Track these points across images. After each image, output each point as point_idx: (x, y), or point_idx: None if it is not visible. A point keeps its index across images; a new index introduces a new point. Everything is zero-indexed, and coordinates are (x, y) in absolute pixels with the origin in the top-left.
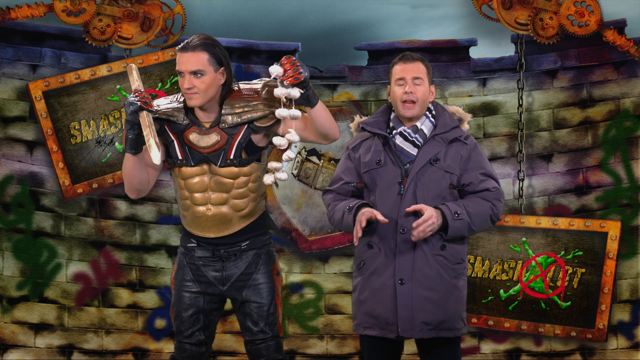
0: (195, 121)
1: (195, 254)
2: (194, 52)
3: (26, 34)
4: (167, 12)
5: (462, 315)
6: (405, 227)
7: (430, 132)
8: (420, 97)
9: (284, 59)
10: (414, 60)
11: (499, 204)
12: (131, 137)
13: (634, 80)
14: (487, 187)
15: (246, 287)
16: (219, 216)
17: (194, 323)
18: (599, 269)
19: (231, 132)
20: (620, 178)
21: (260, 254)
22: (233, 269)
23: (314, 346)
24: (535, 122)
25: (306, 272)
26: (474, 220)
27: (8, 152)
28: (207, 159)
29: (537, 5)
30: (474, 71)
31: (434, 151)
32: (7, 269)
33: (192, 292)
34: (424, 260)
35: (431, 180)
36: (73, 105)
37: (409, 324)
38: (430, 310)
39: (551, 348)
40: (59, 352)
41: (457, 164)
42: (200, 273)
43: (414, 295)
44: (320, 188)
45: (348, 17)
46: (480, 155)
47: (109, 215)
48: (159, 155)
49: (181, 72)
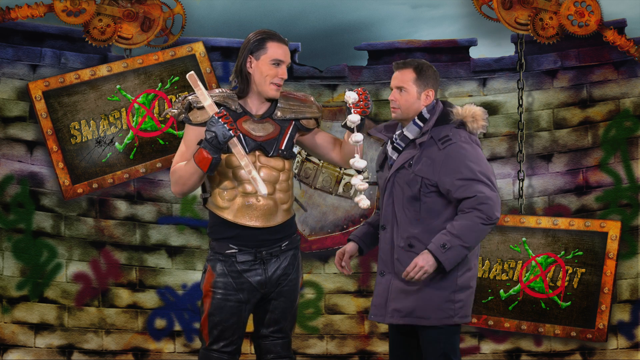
0: (247, 111)
1: (237, 260)
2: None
3: (26, 34)
4: (167, 12)
5: (441, 305)
6: (384, 224)
7: (415, 136)
8: (402, 104)
9: (360, 90)
10: (402, 68)
11: (486, 206)
12: (216, 161)
13: (634, 80)
14: (466, 195)
15: (281, 286)
16: (268, 206)
17: (235, 331)
18: (599, 269)
19: (283, 125)
20: (620, 178)
21: (296, 254)
22: (275, 270)
23: (314, 346)
24: (535, 122)
25: (306, 272)
26: (464, 239)
27: (8, 152)
28: (261, 146)
29: (537, 5)
30: (474, 71)
31: (408, 156)
32: (7, 269)
33: (236, 300)
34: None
35: (404, 184)
36: (73, 105)
37: (381, 310)
38: (402, 299)
39: (551, 348)
40: (59, 352)
41: (429, 168)
42: (242, 280)
43: (391, 286)
44: (320, 188)
45: (348, 17)
46: (455, 160)
47: (109, 215)
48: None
49: (280, 62)
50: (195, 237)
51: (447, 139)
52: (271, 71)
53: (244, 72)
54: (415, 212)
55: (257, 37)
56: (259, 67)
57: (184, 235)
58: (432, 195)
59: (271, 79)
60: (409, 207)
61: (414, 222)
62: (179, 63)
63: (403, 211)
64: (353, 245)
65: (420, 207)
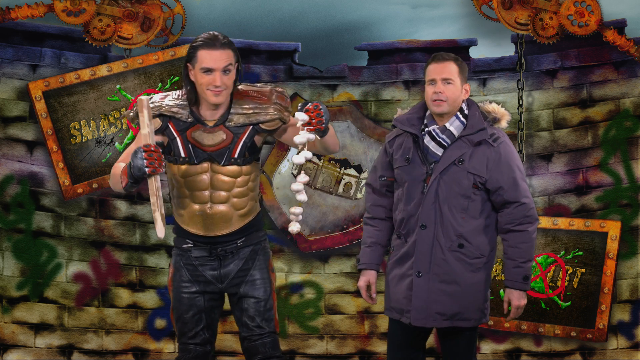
0: (199, 119)
1: (192, 254)
2: (224, 50)
3: (26, 34)
4: (167, 12)
5: (480, 305)
6: (425, 223)
7: (459, 132)
8: (449, 96)
9: (310, 106)
10: (445, 60)
11: (532, 210)
12: (129, 186)
13: (634, 80)
14: (515, 197)
15: (243, 283)
16: (220, 215)
17: (196, 323)
18: (599, 269)
19: (237, 132)
20: (620, 178)
21: (257, 250)
22: (230, 266)
23: (314, 346)
24: (535, 122)
25: (306, 272)
26: (531, 257)
27: (8, 152)
28: (210, 157)
29: (537, 5)
30: (474, 71)
31: (459, 152)
32: (7, 269)
33: (191, 292)
34: (441, 256)
35: (454, 181)
36: (73, 105)
37: (422, 313)
38: (445, 301)
39: (551, 348)
40: (59, 352)
41: (483, 166)
42: (197, 273)
43: (430, 288)
44: (320, 188)
45: (348, 17)
46: (509, 158)
47: (109, 215)
48: (163, 230)
49: (210, 70)
50: None
51: (496, 136)
52: (204, 79)
53: (188, 81)
54: (462, 211)
55: (191, 44)
56: (195, 76)
57: None
58: (480, 193)
59: (206, 87)
60: (457, 205)
61: (460, 220)
62: (179, 63)
63: (449, 209)
64: (373, 273)
65: (469, 205)
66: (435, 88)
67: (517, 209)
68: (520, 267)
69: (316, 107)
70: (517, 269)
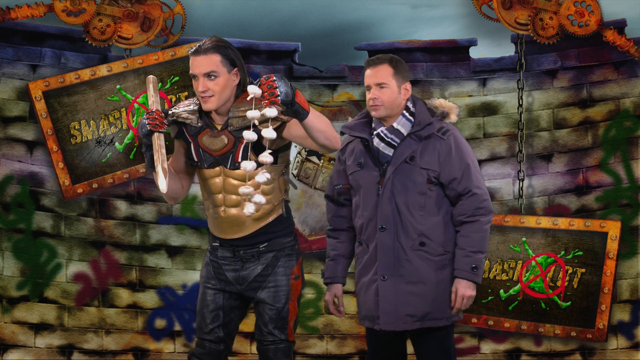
0: (208, 124)
1: (218, 254)
2: (207, 55)
3: (26, 34)
4: (167, 12)
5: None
6: (384, 225)
7: (407, 130)
8: (385, 100)
9: (263, 79)
10: (377, 64)
11: (485, 202)
12: (147, 157)
13: (634, 80)
14: (467, 187)
15: (261, 289)
16: (232, 218)
17: (213, 319)
18: (599, 269)
19: (238, 135)
20: (620, 178)
21: (279, 256)
22: (250, 269)
23: (314, 346)
24: (535, 122)
25: (306, 272)
26: (483, 249)
27: (8, 152)
28: (218, 161)
29: (537, 5)
30: (474, 71)
31: (409, 150)
32: (7, 269)
33: (213, 289)
34: (404, 256)
35: (408, 179)
36: (73, 105)
37: (391, 317)
38: (414, 303)
39: (551, 348)
40: (59, 352)
41: (434, 160)
42: (220, 271)
43: (397, 290)
44: (320, 188)
45: (348, 17)
46: (458, 149)
47: (109, 215)
48: (165, 182)
49: (195, 76)
50: (195, 237)
51: (445, 129)
52: (194, 85)
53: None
54: (420, 208)
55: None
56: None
57: (184, 235)
58: (435, 188)
59: (198, 94)
60: (414, 204)
61: (419, 218)
62: (179, 63)
63: (407, 208)
64: (339, 287)
65: (425, 202)
66: (370, 94)
67: (469, 199)
68: (469, 257)
69: (268, 78)
70: (466, 258)
